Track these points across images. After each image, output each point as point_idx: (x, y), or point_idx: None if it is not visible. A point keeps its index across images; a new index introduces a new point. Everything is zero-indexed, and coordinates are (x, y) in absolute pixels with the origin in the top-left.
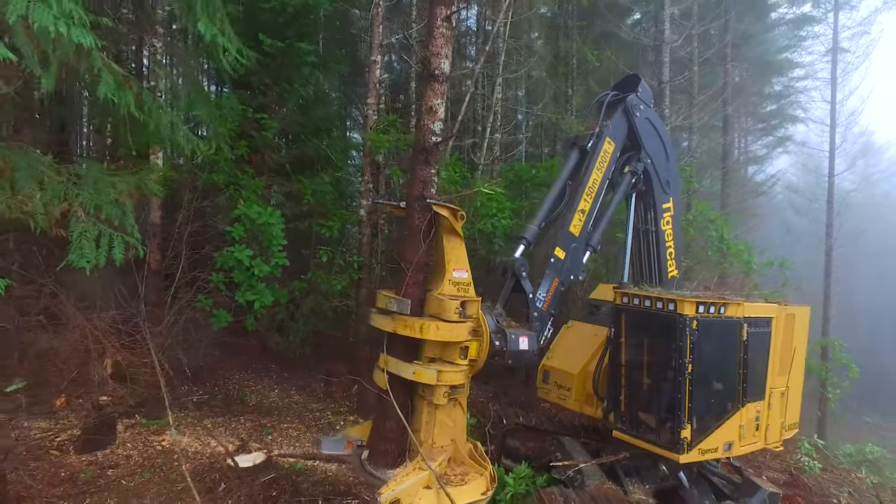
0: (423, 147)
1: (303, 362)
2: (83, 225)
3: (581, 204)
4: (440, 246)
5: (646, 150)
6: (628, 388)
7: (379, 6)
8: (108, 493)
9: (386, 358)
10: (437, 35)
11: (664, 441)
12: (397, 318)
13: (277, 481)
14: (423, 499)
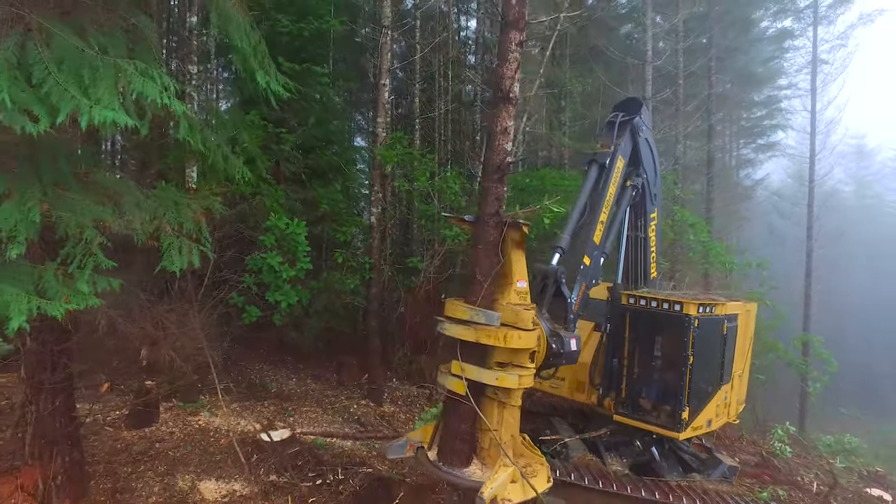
0: (497, 166)
1: (316, 355)
2: (170, 238)
3: (601, 216)
4: (508, 258)
5: (643, 167)
6: (629, 377)
7: (387, 35)
8: (158, 462)
9: (463, 365)
10: (511, 59)
11: (664, 421)
12: (480, 329)
13: (301, 453)
14: (511, 493)
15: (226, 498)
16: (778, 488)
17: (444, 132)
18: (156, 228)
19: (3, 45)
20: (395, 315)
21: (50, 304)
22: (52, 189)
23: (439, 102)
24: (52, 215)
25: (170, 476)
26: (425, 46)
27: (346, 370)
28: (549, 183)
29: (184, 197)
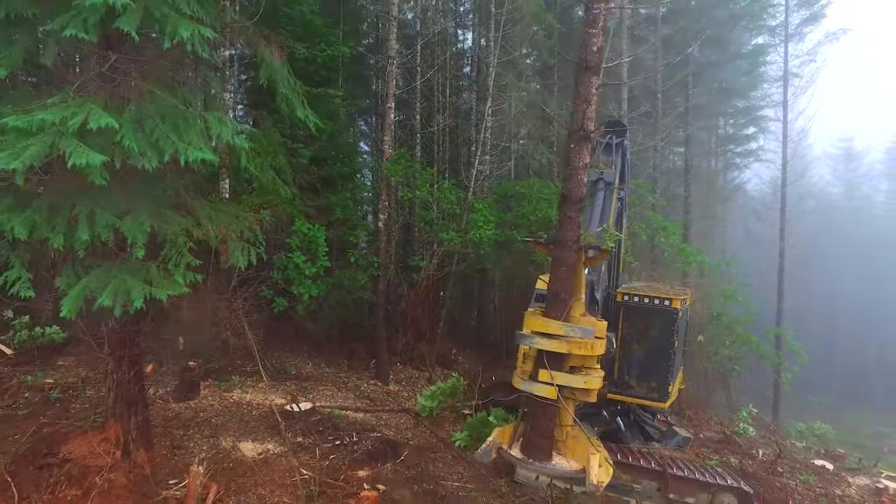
0: (578, 199)
1: (329, 343)
2: (234, 243)
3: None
4: (578, 277)
5: (626, 181)
6: (622, 361)
7: (393, 64)
8: (203, 427)
9: (552, 373)
10: (591, 101)
11: (652, 395)
12: (573, 342)
13: (322, 422)
14: (602, 475)
15: (261, 455)
16: (731, 457)
17: (442, 144)
18: (224, 235)
19: (128, 109)
20: (399, 308)
21: (157, 290)
22: (154, 208)
23: (439, 117)
24: (155, 227)
25: (214, 438)
26: (426, 68)
27: (355, 356)
28: (535, 191)
29: (243, 211)
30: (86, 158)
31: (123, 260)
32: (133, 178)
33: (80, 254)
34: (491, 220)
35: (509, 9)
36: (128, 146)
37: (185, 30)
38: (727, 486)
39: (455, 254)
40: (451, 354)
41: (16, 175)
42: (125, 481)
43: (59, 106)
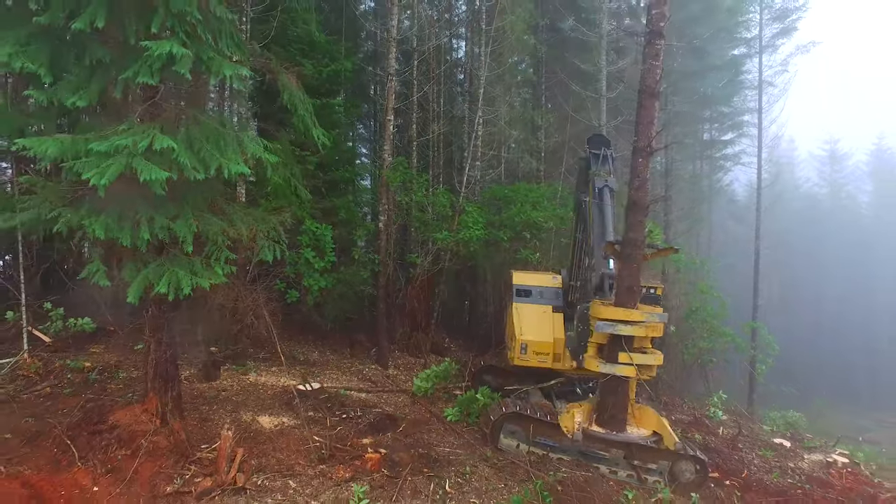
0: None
1: (333, 334)
2: (262, 240)
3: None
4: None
5: None
6: None
7: (392, 81)
8: (226, 403)
9: (631, 355)
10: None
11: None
12: (649, 326)
13: (330, 399)
14: (671, 435)
15: (278, 426)
16: (696, 434)
17: (437, 150)
18: (253, 234)
19: (180, 132)
20: (398, 301)
21: (201, 279)
22: (197, 212)
23: (434, 125)
24: (199, 227)
25: (235, 413)
26: (423, 80)
27: (357, 344)
28: (522, 195)
29: (269, 214)
30: (153, 174)
31: (173, 255)
32: (180, 188)
33: (142, 249)
34: (480, 221)
35: (499, 25)
36: (182, 162)
37: (227, 69)
38: (685, 454)
39: (448, 252)
40: (445, 343)
41: (98, 189)
42: (166, 443)
43: (129, 132)
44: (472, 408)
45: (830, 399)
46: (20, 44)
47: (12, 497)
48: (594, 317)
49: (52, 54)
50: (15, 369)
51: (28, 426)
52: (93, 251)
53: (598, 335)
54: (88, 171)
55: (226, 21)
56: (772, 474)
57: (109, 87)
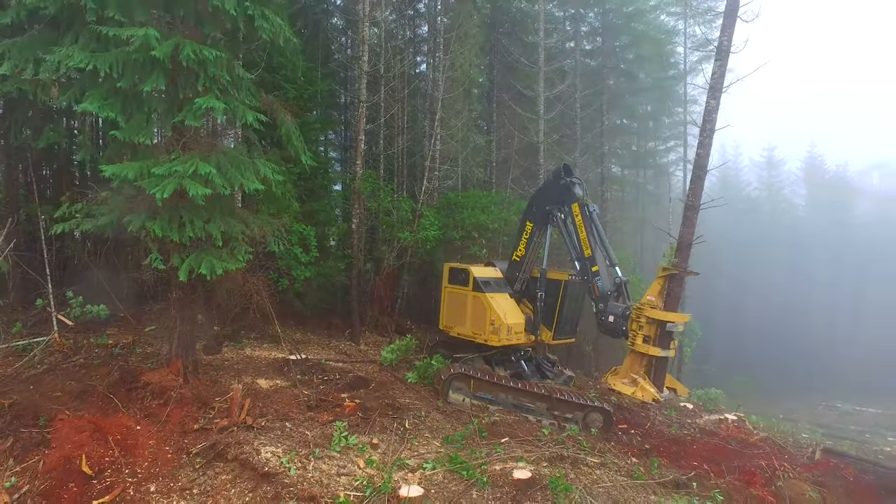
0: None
1: (312, 319)
2: (272, 239)
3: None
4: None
5: None
6: (559, 321)
7: (363, 107)
8: (229, 370)
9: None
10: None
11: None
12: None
13: (314, 367)
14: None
15: (273, 387)
16: (613, 397)
17: (401, 161)
18: (263, 232)
19: (212, 159)
20: (367, 289)
21: (228, 265)
22: (223, 216)
23: (398, 139)
24: (225, 228)
25: (238, 377)
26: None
27: (333, 326)
28: (472, 201)
29: (273, 217)
30: (198, 191)
31: (207, 248)
32: (211, 199)
33: (186, 243)
34: (436, 223)
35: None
36: (216, 182)
37: (249, 116)
38: (595, 406)
39: (409, 249)
40: (407, 325)
41: (157, 200)
42: (190, 395)
43: (178, 160)
44: (428, 372)
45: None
46: (103, 98)
47: (82, 429)
48: (654, 318)
49: (124, 105)
50: (48, 347)
51: (72, 387)
52: (151, 245)
53: (648, 328)
54: (152, 188)
55: (245, 79)
56: (671, 427)
57: (162, 128)
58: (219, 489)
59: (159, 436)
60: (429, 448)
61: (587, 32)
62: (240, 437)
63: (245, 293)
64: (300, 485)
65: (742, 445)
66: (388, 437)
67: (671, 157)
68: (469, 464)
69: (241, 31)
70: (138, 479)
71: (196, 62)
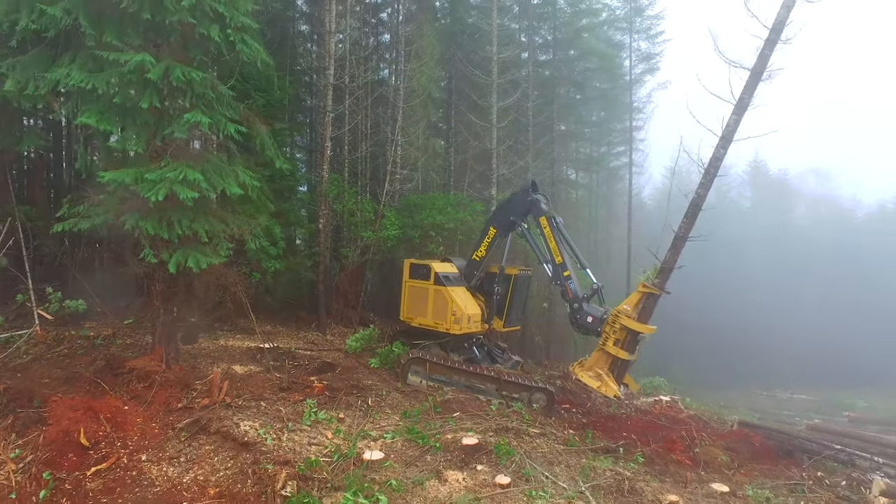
0: (670, 269)
1: (281, 313)
2: (249, 237)
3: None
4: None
5: None
6: (509, 311)
7: (329, 116)
8: (206, 358)
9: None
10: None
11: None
12: None
13: (285, 354)
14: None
15: (247, 372)
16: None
17: (364, 165)
18: (242, 231)
19: (199, 166)
20: (333, 284)
21: (211, 259)
22: (207, 216)
23: (362, 145)
24: (208, 226)
25: (215, 363)
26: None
27: (301, 320)
28: (430, 203)
29: (250, 217)
30: (187, 194)
31: (193, 244)
32: (196, 201)
33: (175, 241)
34: (396, 223)
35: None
36: (202, 186)
37: (231, 128)
38: (539, 387)
39: (372, 247)
40: (370, 316)
41: (149, 202)
42: (173, 378)
43: (168, 167)
44: (389, 358)
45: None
46: (100, 113)
47: (76, 408)
48: (628, 326)
49: (119, 119)
50: (31, 339)
51: (59, 374)
52: (143, 241)
53: (621, 333)
54: (146, 192)
55: (226, 95)
56: (610, 407)
57: (152, 138)
58: (203, 457)
59: (146, 414)
60: (389, 422)
61: (540, 44)
62: (220, 414)
63: (222, 286)
64: (276, 452)
65: (671, 422)
66: (353, 412)
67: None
68: (424, 434)
69: (225, 54)
70: (130, 450)
71: (185, 82)
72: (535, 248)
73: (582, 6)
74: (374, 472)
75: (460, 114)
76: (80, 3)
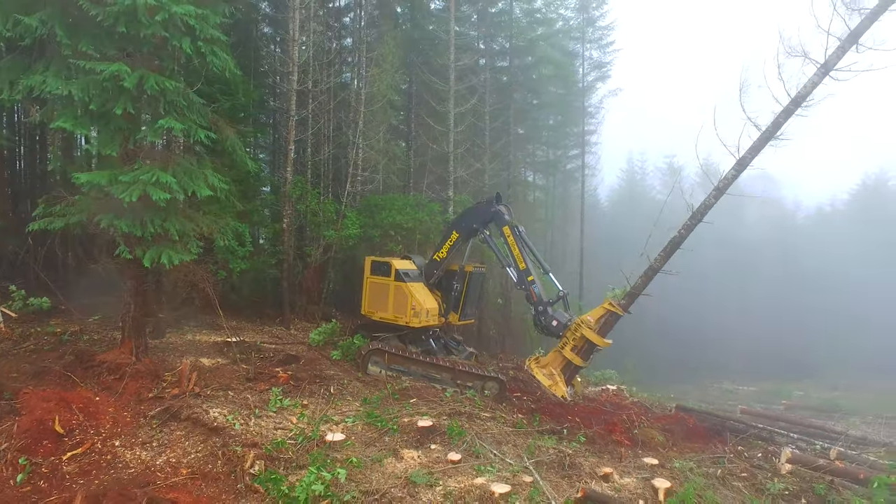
0: (635, 296)
1: (246, 309)
2: (219, 235)
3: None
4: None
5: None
6: (464, 306)
7: (292, 120)
8: (175, 351)
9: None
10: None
11: (475, 316)
12: None
13: (250, 347)
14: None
15: (215, 364)
16: (512, 372)
17: (327, 167)
18: (211, 230)
19: (170, 168)
20: (297, 282)
21: (182, 256)
22: (178, 216)
23: (325, 147)
24: (179, 225)
25: (183, 356)
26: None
27: (265, 315)
28: (390, 203)
29: (219, 217)
30: (160, 196)
31: (166, 242)
32: (168, 202)
33: (148, 238)
34: (357, 223)
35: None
36: (174, 188)
37: (202, 134)
38: (491, 377)
39: (334, 245)
40: (332, 312)
41: (123, 202)
42: (143, 370)
43: (142, 170)
44: (351, 350)
45: (668, 373)
46: (75, 118)
47: (48, 399)
48: (588, 338)
49: (94, 123)
50: None
51: (27, 369)
52: (119, 239)
53: (580, 341)
54: (121, 193)
55: (197, 103)
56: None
57: (125, 142)
58: (175, 441)
59: (117, 404)
60: (350, 408)
61: (498, 52)
62: (190, 403)
63: (190, 283)
64: (244, 435)
65: (615, 408)
66: (316, 400)
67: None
68: (383, 418)
69: (195, 64)
70: (104, 437)
71: (158, 90)
72: (498, 253)
73: (537, 16)
74: (336, 452)
75: (420, 118)
76: (56, 14)
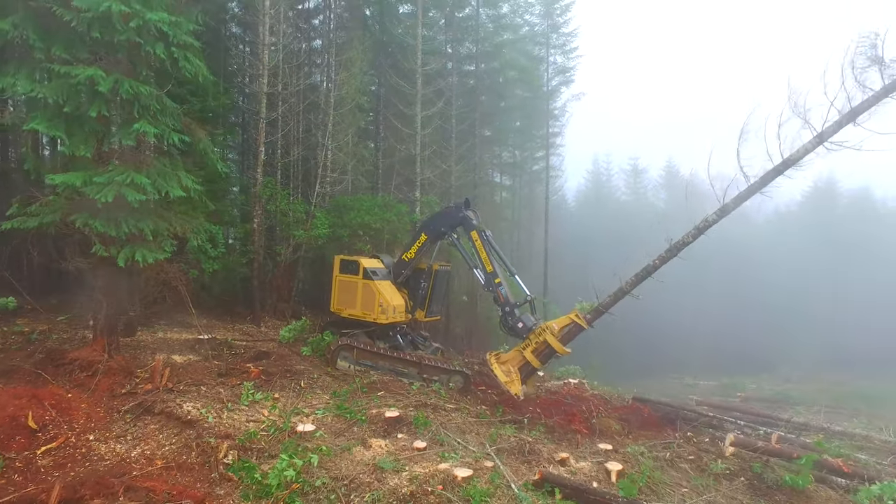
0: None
1: (216, 308)
2: (192, 234)
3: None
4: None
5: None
6: (430, 303)
7: (262, 123)
8: (147, 349)
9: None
10: None
11: (442, 313)
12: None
13: (222, 344)
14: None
15: (187, 361)
16: (476, 366)
17: (297, 168)
18: (185, 230)
19: (144, 170)
20: (267, 280)
21: (157, 255)
22: (152, 216)
23: (294, 149)
24: (154, 225)
25: (155, 354)
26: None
27: (236, 314)
28: (358, 204)
29: (191, 217)
30: (135, 196)
31: (140, 241)
32: (142, 203)
33: (122, 238)
34: (326, 223)
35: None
36: (148, 189)
37: (175, 137)
38: (456, 371)
39: (303, 245)
40: (302, 310)
41: (98, 203)
42: (116, 366)
43: (116, 171)
44: (320, 346)
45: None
46: (49, 120)
47: (20, 396)
48: (550, 344)
49: (67, 125)
50: None
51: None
52: (94, 238)
53: (542, 345)
54: (95, 193)
55: (170, 107)
56: None
57: (99, 144)
58: (149, 435)
59: (90, 400)
60: (320, 400)
61: (465, 56)
62: (163, 398)
63: (162, 281)
64: (217, 428)
65: (576, 400)
66: (287, 393)
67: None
68: (352, 409)
69: (168, 69)
70: (78, 432)
71: (133, 95)
72: (466, 255)
73: (503, 21)
74: (307, 441)
75: (388, 120)
76: (29, 18)
